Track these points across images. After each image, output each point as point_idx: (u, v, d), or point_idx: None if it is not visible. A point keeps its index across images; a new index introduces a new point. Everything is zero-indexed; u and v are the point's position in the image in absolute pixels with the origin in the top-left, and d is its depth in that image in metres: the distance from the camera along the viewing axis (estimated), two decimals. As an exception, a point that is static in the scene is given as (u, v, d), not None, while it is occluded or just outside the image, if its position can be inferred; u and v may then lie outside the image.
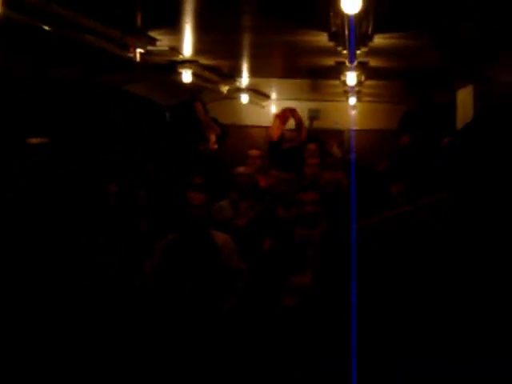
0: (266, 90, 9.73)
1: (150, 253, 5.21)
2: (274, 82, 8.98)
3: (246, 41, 6.12)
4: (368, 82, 7.62)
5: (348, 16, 3.68)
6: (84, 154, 6.72)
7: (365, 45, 5.16)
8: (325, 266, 4.97)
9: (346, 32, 4.07)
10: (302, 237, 5.67)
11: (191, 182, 6.16)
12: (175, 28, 5.41)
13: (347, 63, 5.59)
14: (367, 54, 5.72)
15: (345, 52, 5.33)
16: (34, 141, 6.40)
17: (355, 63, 5.55)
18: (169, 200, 6.18)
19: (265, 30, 5.45)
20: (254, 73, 7.94)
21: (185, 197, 5.23)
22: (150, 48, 5.65)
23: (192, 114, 8.57)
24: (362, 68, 6.32)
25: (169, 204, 6.06)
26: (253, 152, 7.95)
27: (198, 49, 6.36)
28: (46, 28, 4.43)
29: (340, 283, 4.83)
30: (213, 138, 8.28)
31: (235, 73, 7.89)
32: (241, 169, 6.75)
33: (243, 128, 10.40)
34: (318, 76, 7.94)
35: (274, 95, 10.22)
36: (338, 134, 10.41)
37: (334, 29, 4.85)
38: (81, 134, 6.86)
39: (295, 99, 10.32)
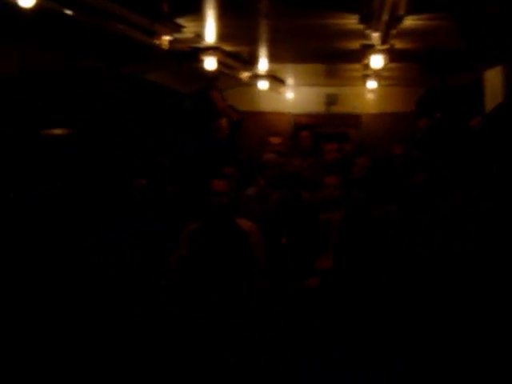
0: (282, 76, 9.67)
1: (175, 245, 5.18)
2: (292, 67, 8.92)
3: (269, 26, 6.08)
4: (389, 65, 7.54)
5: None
6: (106, 145, 6.69)
7: (395, 27, 5.11)
8: (344, 248, 4.99)
9: (385, 15, 4.01)
10: (326, 220, 5.66)
11: (219, 171, 6.12)
12: (199, 14, 5.39)
13: (377, 46, 5.53)
14: (394, 36, 5.67)
15: (374, 35, 5.28)
16: (56, 132, 6.37)
17: (385, 46, 5.49)
18: (193, 189, 6.14)
19: (287, 14, 5.41)
20: (273, 58, 7.88)
21: (208, 185, 5.20)
22: (176, 35, 5.63)
23: (210, 102, 8.54)
24: (388, 51, 6.25)
25: (193, 193, 6.03)
26: (274, 139, 7.88)
27: (221, 35, 6.33)
28: (74, 15, 4.40)
29: (357, 265, 4.87)
30: (224, 124, 8.23)
31: (255, 59, 7.84)
32: (269, 157, 6.69)
33: (260, 114, 10.35)
34: (338, 60, 7.89)
35: (290, 81, 10.16)
36: (355, 119, 10.37)
37: (366, 11, 4.81)
38: (103, 125, 6.83)
39: (312, 85, 10.28)
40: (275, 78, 9.35)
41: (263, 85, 8.98)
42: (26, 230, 5.05)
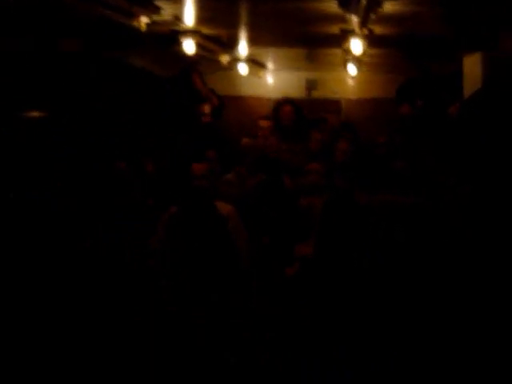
0: (263, 61, 9.62)
1: (155, 229, 5.16)
2: (272, 51, 8.87)
3: (248, 9, 6.05)
4: (370, 51, 7.53)
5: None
6: (85, 128, 6.63)
7: (375, 11, 5.09)
8: (325, 234, 4.99)
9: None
10: (307, 205, 5.66)
11: (199, 155, 6.08)
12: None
13: (356, 30, 5.50)
14: (374, 21, 5.65)
15: (354, 19, 5.25)
16: (33, 114, 6.31)
17: (364, 30, 5.47)
18: (172, 173, 6.11)
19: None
20: (253, 42, 7.83)
21: (188, 168, 5.18)
22: (154, 17, 5.57)
23: (190, 86, 8.47)
24: (367, 36, 6.23)
25: (173, 177, 6.00)
26: (263, 122, 7.75)
27: (200, 17, 6.28)
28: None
29: (339, 251, 4.88)
30: (207, 109, 8.18)
31: (235, 42, 7.78)
32: (247, 140, 6.65)
33: (240, 99, 10.29)
34: (318, 45, 7.85)
35: (271, 65, 10.11)
36: (335, 104, 10.35)
37: (345, -5, 4.78)
38: (82, 108, 6.76)
39: (292, 69, 10.24)
40: (255, 62, 9.31)
41: (243, 69, 8.93)
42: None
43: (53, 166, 5.83)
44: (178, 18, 6.12)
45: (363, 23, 5.14)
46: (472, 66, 6.05)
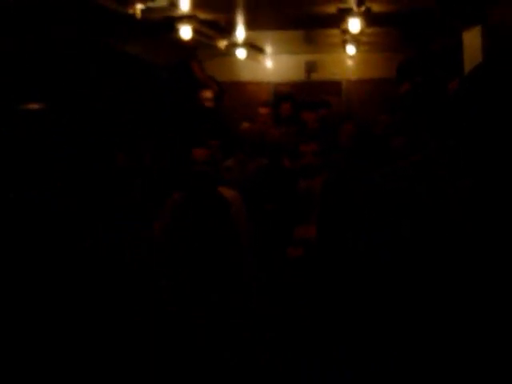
0: (261, 45, 9.57)
1: (156, 215, 5.13)
2: (270, 35, 8.81)
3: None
4: (368, 30, 7.48)
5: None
6: (83, 118, 6.60)
7: (372, -12, 5.06)
8: (325, 215, 4.96)
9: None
10: (306, 187, 5.64)
11: (200, 141, 6.06)
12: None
13: (354, 8, 5.46)
14: (371, -1, 5.62)
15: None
16: (29, 106, 6.28)
17: (362, 8, 5.42)
18: (173, 160, 6.09)
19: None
20: (250, 25, 7.78)
21: (189, 154, 5.15)
22: (149, 4, 5.53)
23: (189, 73, 8.45)
24: (365, 14, 6.19)
25: (173, 164, 5.98)
26: (263, 109, 7.76)
27: (196, 2, 6.23)
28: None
29: (340, 233, 4.85)
30: (208, 95, 8.17)
31: (232, 27, 7.74)
32: (246, 125, 6.64)
33: (240, 84, 10.26)
34: (316, 26, 7.80)
35: (269, 50, 10.06)
36: (335, 85, 10.30)
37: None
38: (79, 98, 6.73)
39: (291, 52, 10.19)
40: (253, 47, 9.26)
41: (241, 53, 8.89)
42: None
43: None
44: (174, 4, 6.07)
45: (360, 1, 5.09)
46: (471, 41, 6.00)
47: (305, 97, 9.54)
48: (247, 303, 4.78)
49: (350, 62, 10.13)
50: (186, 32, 6.61)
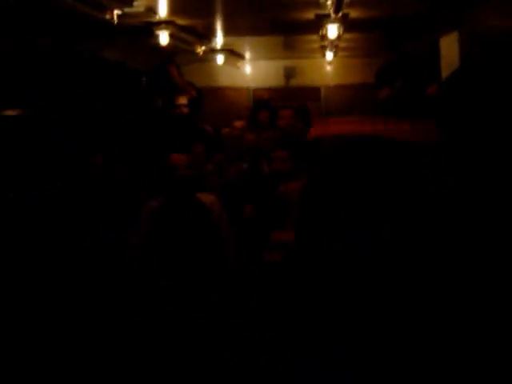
0: (240, 50, 9.57)
1: (133, 222, 5.10)
2: (249, 40, 8.82)
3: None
4: (346, 36, 7.51)
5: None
6: (62, 123, 6.55)
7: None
8: (304, 219, 4.96)
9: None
10: (282, 192, 5.65)
11: (178, 147, 6.02)
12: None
13: (331, 14, 5.47)
14: (349, 4, 5.62)
15: (328, 3, 5.22)
16: (8, 113, 6.22)
17: (339, 14, 5.43)
18: (151, 166, 6.05)
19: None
20: (229, 31, 7.79)
21: (168, 160, 5.12)
22: (126, 9, 5.50)
23: (167, 78, 8.42)
24: (343, 20, 6.20)
25: (151, 170, 5.94)
26: (238, 123, 7.69)
27: (174, 8, 6.22)
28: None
29: (318, 236, 4.85)
30: (183, 101, 8.14)
31: (210, 32, 7.74)
32: (226, 130, 6.63)
33: (218, 90, 10.25)
34: (294, 31, 7.81)
35: (248, 55, 10.07)
36: (315, 91, 10.32)
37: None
38: (58, 104, 6.68)
39: (270, 58, 10.20)
40: (232, 52, 9.26)
41: (220, 59, 8.88)
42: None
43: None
44: (152, 10, 6.05)
45: (338, 7, 5.10)
46: (449, 46, 6.04)
47: (284, 103, 9.54)
48: (232, 306, 4.77)
49: (328, 68, 10.16)
50: (163, 38, 6.60)
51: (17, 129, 6.11)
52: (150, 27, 6.54)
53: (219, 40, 8.21)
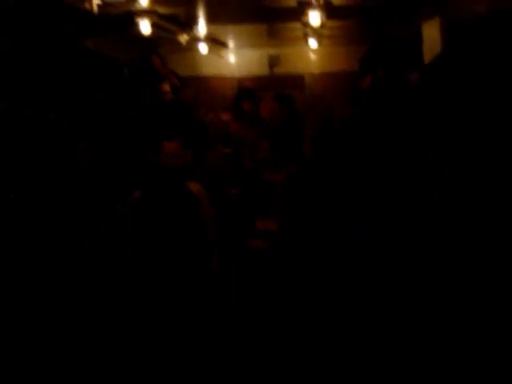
0: (223, 39, 9.53)
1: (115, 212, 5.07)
2: (232, 29, 8.78)
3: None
4: (329, 23, 7.48)
5: None
6: (43, 115, 6.50)
7: (329, -20, 5.04)
8: (289, 208, 4.99)
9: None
10: (267, 180, 5.66)
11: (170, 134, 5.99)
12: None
13: (313, 1, 5.45)
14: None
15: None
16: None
17: (321, 1, 5.41)
18: (137, 155, 6.02)
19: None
20: (211, 19, 7.74)
21: (159, 148, 5.10)
22: (106, -2, 5.47)
23: (150, 68, 8.37)
24: (325, 7, 6.18)
25: (138, 159, 5.91)
26: (224, 115, 7.66)
27: (155, -4, 6.19)
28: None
29: (302, 226, 4.89)
30: (166, 88, 8.11)
31: (193, 21, 7.69)
32: (210, 116, 6.60)
33: (203, 79, 10.21)
34: (277, 19, 7.79)
35: (232, 44, 10.02)
36: (299, 79, 10.30)
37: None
38: (38, 95, 6.63)
39: (254, 46, 10.16)
40: (216, 41, 9.21)
41: (203, 48, 8.84)
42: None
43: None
44: (132, -2, 6.02)
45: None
46: (431, 32, 6.05)
47: (268, 91, 9.53)
48: (215, 295, 4.78)
49: (312, 56, 10.14)
50: (145, 27, 6.55)
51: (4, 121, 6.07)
52: (131, 16, 6.49)
53: (202, 29, 8.16)
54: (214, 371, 4.53)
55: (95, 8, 5.28)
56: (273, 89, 9.70)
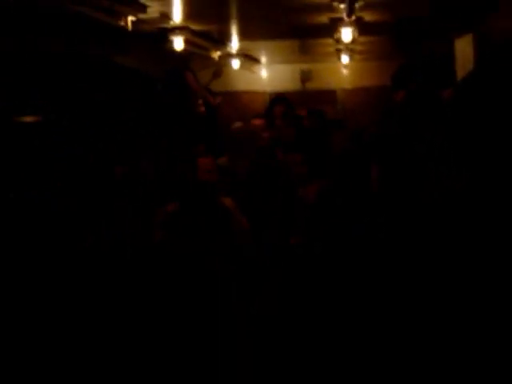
0: (256, 55, 9.59)
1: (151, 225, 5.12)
2: (264, 45, 8.84)
3: (237, 2, 6.00)
4: (361, 39, 7.50)
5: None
6: (78, 130, 6.59)
7: (361, -2, 5.06)
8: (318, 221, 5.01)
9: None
10: (300, 195, 5.64)
11: (196, 150, 6.04)
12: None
13: (345, 18, 5.47)
14: (362, 8, 5.61)
15: (342, 6, 5.21)
16: (26, 119, 6.27)
17: (352, 18, 5.43)
18: (173, 170, 6.07)
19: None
20: (244, 36, 7.80)
21: (193, 164, 5.17)
22: (140, 16, 5.54)
23: (183, 84, 8.45)
24: (357, 23, 6.19)
25: (174, 174, 5.96)
26: (256, 121, 7.62)
27: (188, 13, 6.24)
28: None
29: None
30: (201, 104, 8.18)
31: (226, 37, 7.76)
32: (239, 124, 6.62)
33: (235, 94, 10.27)
34: (309, 35, 7.82)
35: (264, 59, 10.08)
36: (330, 94, 10.32)
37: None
38: (73, 110, 6.72)
39: (286, 62, 10.21)
40: (248, 57, 9.27)
41: (236, 64, 8.90)
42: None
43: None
44: (166, 15, 6.08)
45: (351, 11, 5.10)
46: (463, 48, 6.02)
47: (300, 106, 9.55)
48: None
49: (344, 71, 10.16)
50: (178, 43, 6.62)
51: (35, 134, 6.16)
52: (165, 33, 6.56)
53: (234, 45, 8.22)
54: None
55: (130, 25, 5.35)
56: (305, 104, 9.74)
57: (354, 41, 7.29)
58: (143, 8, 5.48)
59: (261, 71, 10.41)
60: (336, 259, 4.36)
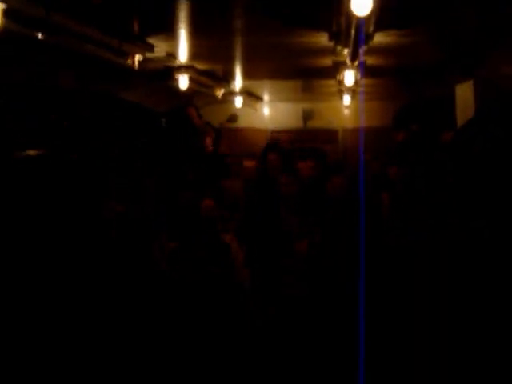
0: (258, 93, 9.70)
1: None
2: (267, 83, 8.95)
3: (241, 44, 6.10)
4: (364, 81, 7.60)
5: (355, 16, 3.66)
6: (83, 164, 6.64)
7: (366, 43, 5.13)
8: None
9: (352, 31, 4.04)
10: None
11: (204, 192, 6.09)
12: (171, 34, 5.40)
13: (348, 62, 5.56)
14: (365, 52, 5.70)
15: (345, 52, 5.30)
16: (31, 153, 6.32)
17: (355, 62, 5.53)
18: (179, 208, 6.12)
19: (259, 32, 5.44)
20: (248, 75, 7.90)
21: (197, 203, 5.42)
22: (148, 55, 5.63)
23: (186, 120, 8.53)
24: (359, 67, 6.28)
25: (185, 210, 6.02)
26: (247, 162, 7.60)
27: (194, 53, 6.34)
28: (45, 38, 4.41)
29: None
30: (209, 141, 8.25)
31: (229, 76, 7.85)
32: (248, 162, 6.70)
33: (237, 131, 10.36)
34: (312, 76, 7.92)
35: (266, 97, 10.19)
36: (332, 133, 10.41)
37: (335, 28, 4.84)
38: (79, 144, 6.78)
39: (288, 100, 10.32)
40: (251, 95, 9.38)
41: (239, 101, 9.00)
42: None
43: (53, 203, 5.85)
44: (172, 55, 6.18)
45: (354, 55, 5.19)
46: (464, 92, 6.12)
47: (302, 144, 9.63)
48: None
49: (346, 111, 10.26)
50: (183, 81, 6.71)
51: (37, 168, 6.21)
52: (171, 71, 6.66)
53: (238, 83, 8.33)
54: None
55: (136, 65, 5.44)
56: (306, 142, 9.83)
57: (356, 83, 7.40)
58: (151, 48, 5.58)
59: (263, 109, 10.51)
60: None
